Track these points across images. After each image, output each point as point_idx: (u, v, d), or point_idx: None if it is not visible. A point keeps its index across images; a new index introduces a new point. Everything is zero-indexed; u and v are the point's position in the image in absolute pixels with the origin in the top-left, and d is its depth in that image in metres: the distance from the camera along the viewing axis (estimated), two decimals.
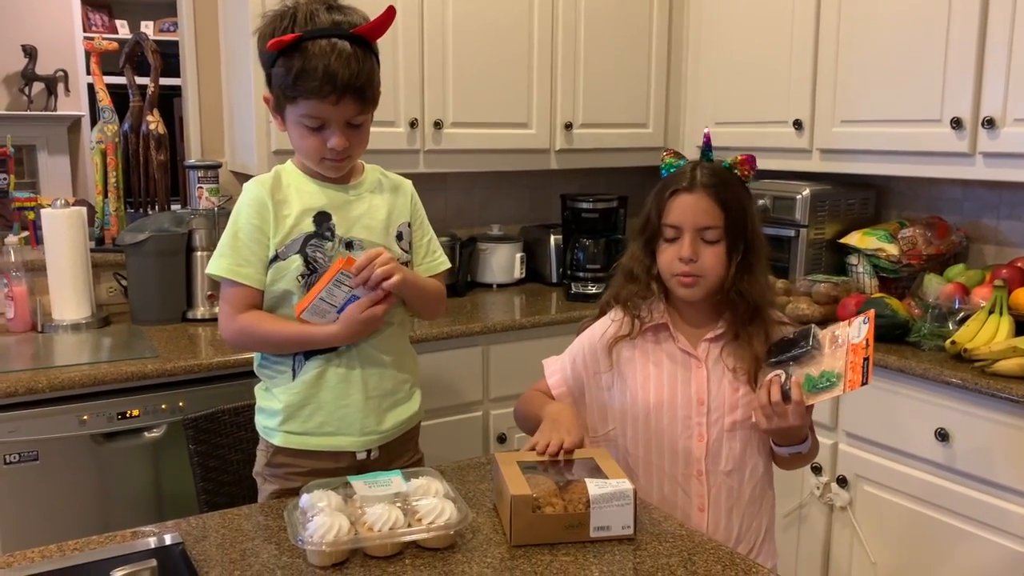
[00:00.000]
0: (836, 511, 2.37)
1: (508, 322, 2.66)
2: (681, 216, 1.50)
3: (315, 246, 1.54)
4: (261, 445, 1.65)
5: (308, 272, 1.54)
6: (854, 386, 1.40)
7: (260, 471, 1.64)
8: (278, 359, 1.59)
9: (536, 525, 1.29)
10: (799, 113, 2.74)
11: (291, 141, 1.57)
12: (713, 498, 1.54)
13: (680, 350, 1.56)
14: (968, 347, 2.13)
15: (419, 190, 1.74)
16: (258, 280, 1.55)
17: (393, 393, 1.64)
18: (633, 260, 1.60)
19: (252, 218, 1.53)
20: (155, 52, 2.80)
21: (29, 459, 2.01)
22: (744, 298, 1.51)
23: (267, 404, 1.62)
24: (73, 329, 2.46)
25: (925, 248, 2.59)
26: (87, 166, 5.80)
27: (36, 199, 2.82)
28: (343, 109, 1.48)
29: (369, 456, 1.61)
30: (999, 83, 2.22)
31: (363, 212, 1.60)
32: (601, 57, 3.04)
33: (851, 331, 1.44)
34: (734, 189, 1.53)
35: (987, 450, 2.03)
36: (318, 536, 1.20)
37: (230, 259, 1.54)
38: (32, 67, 5.64)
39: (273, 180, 1.57)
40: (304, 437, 1.58)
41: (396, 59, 2.67)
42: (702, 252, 1.50)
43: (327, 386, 1.57)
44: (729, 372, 1.54)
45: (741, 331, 1.53)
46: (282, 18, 1.48)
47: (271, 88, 1.53)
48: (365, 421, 1.59)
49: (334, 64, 1.44)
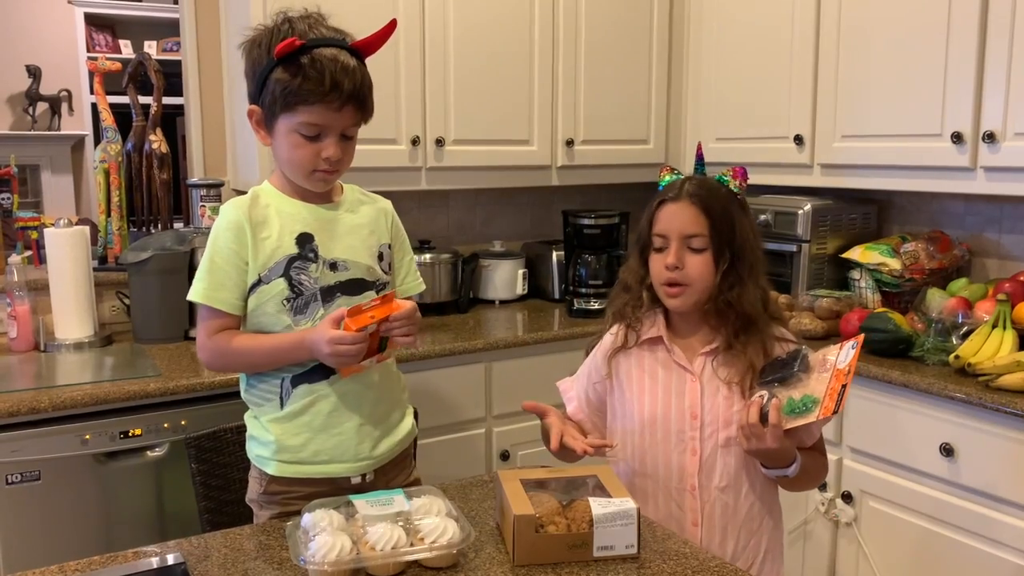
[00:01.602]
0: (841, 527, 2.36)
1: (511, 339, 2.66)
2: (667, 224, 1.52)
3: (299, 268, 1.52)
4: (254, 472, 1.62)
5: (293, 296, 1.52)
6: (827, 413, 1.38)
7: (256, 498, 1.62)
8: (264, 385, 1.56)
9: (539, 545, 1.29)
10: (800, 128, 2.75)
11: (279, 154, 1.54)
12: (707, 514, 1.53)
13: (675, 363, 1.56)
14: (972, 362, 2.12)
15: (421, 207, 1.75)
16: (233, 305, 1.52)
17: (386, 418, 1.62)
18: (628, 271, 1.61)
19: (230, 242, 1.51)
20: (158, 72, 2.82)
21: (31, 479, 2.00)
22: (733, 308, 1.51)
23: (258, 433, 1.59)
24: (75, 348, 2.46)
25: (927, 262, 2.58)
26: (90, 185, 5.83)
27: (39, 219, 2.84)
28: (343, 117, 1.49)
29: (364, 480, 1.59)
30: (999, 97, 2.22)
31: (345, 232, 1.58)
32: (602, 74, 3.05)
33: (840, 355, 1.43)
34: (721, 199, 1.53)
35: (992, 465, 2.02)
36: (320, 555, 1.19)
37: (206, 284, 1.51)
38: (36, 87, 5.68)
39: (251, 201, 1.54)
40: (299, 466, 1.56)
41: (398, 76, 2.68)
42: (688, 260, 1.51)
43: (319, 415, 1.55)
44: (724, 387, 1.53)
45: (733, 342, 1.52)
46: (279, 31, 1.47)
47: (261, 98, 1.50)
48: (359, 448, 1.57)
49: (339, 72, 1.45)
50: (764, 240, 2.80)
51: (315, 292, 1.53)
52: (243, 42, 1.54)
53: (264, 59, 1.48)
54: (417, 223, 3.19)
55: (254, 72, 1.51)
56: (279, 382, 1.55)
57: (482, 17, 2.82)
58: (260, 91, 1.50)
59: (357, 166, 2.58)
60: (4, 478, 1.97)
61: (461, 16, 2.78)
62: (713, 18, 3.04)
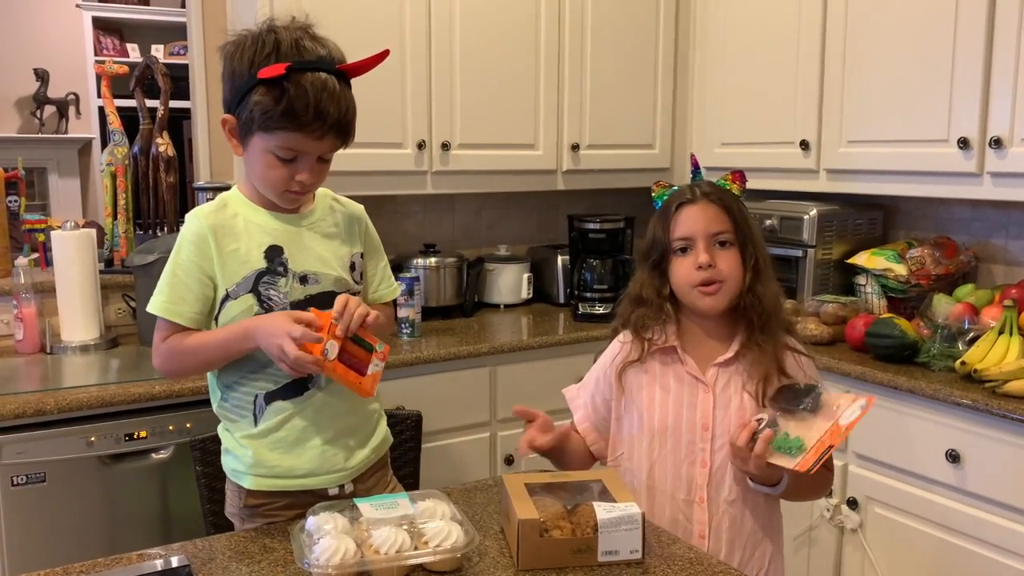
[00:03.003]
0: (847, 533, 2.35)
1: (516, 343, 2.66)
2: (692, 226, 1.50)
3: (268, 283, 1.48)
4: (231, 486, 1.60)
5: (263, 311, 1.48)
6: (802, 468, 1.36)
7: (236, 512, 1.59)
8: (237, 401, 1.54)
9: (543, 549, 1.28)
10: (806, 133, 2.75)
11: (251, 169, 1.49)
12: (715, 527, 1.52)
13: (688, 373, 1.55)
14: (978, 368, 2.12)
15: (427, 211, 1.74)
16: (192, 319, 1.48)
17: (359, 429, 1.60)
18: (642, 285, 1.58)
19: (192, 255, 1.47)
20: (165, 75, 2.83)
21: (36, 480, 2.01)
22: (761, 302, 1.51)
23: (232, 447, 1.56)
24: (81, 350, 2.47)
25: (934, 268, 2.58)
26: (97, 188, 5.85)
27: (46, 221, 2.85)
28: (323, 144, 1.44)
29: (343, 490, 1.57)
30: (1006, 103, 2.22)
31: (316, 243, 1.54)
32: (607, 79, 3.06)
33: (848, 411, 1.41)
34: (734, 198, 1.55)
35: (998, 471, 2.01)
36: (324, 559, 1.19)
37: (166, 296, 1.48)
38: (44, 90, 5.70)
39: (217, 211, 1.50)
40: (275, 480, 1.53)
41: (404, 81, 2.69)
42: (718, 257, 1.50)
43: (293, 431, 1.52)
44: (737, 398, 1.52)
45: (750, 343, 1.51)
46: (264, 43, 1.41)
47: (238, 111, 1.44)
48: (334, 460, 1.55)
49: (324, 100, 1.40)
50: (770, 245, 2.81)
51: (285, 307, 1.49)
52: (224, 44, 1.47)
53: (246, 73, 1.41)
54: (423, 227, 3.20)
55: (232, 82, 1.44)
56: (252, 399, 1.52)
57: (488, 22, 2.82)
58: (237, 104, 1.43)
59: (363, 169, 2.62)
60: (10, 480, 1.98)
61: (467, 21, 2.78)
62: (719, 23, 3.04)
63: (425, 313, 2.82)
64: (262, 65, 1.39)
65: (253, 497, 1.56)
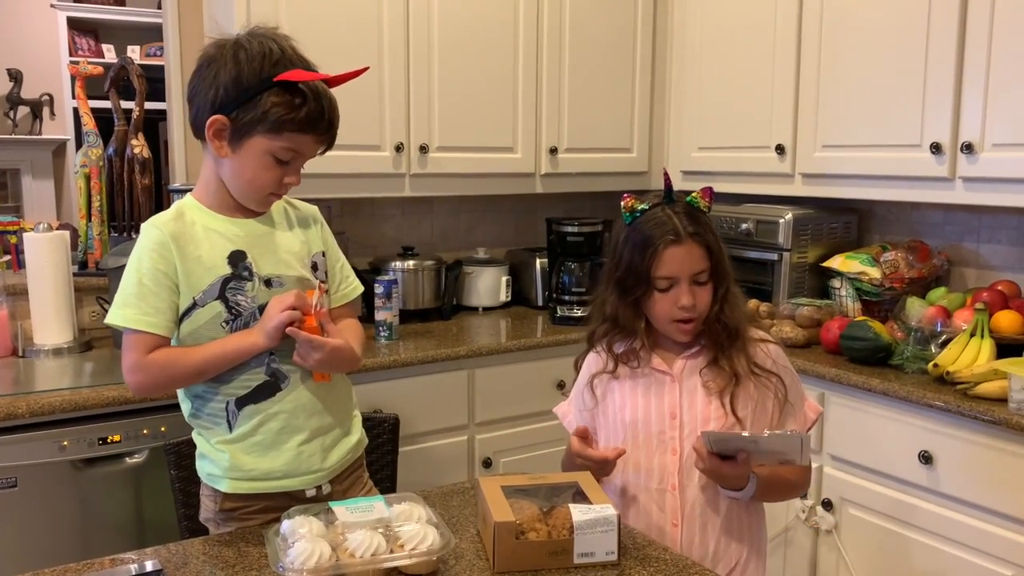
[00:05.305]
0: (822, 534, 2.37)
1: (494, 345, 2.66)
2: (677, 268, 1.53)
3: (235, 289, 1.49)
4: (206, 491, 1.59)
5: (231, 317, 1.48)
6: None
7: (212, 517, 1.58)
8: (209, 410, 1.53)
9: (519, 551, 1.29)
10: (781, 138, 2.77)
11: (238, 170, 1.48)
12: (687, 514, 1.55)
13: (654, 369, 1.59)
14: (950, 370, 2.14)
15: (405, 214, 1.74)
16: (169, 329, 1.47)
17: (333, 429, 1.60)
18: (614, 308, 1.60)
19: (156, 263, 1.46)
20: (140, 76, 2.81)
21: (8, 485, 1.98)
22: (725, 325, 1.56)
23: (208, 452, 1.56)
24: (55, 354, 2.44)
25: (907, 271, 2.61)
26: (71, 190, 5.78)
27: (19, 223, 2.82)
28: (318, 148, 1.52)
29: (320, 491, 1.57)
30: (977, 109, 2.25)
31: (278, 245, 1.55)
32: (586, 83, 3.07)
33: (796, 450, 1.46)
34: (710, 228, 1.57)
35: (970, 472, 2.04)
36: (299, 562, 1.19)
37: (136, 309, 1.45)
38: (17, 91, 5.63)
39: (175, 219, 1.50)
40: (252, 482, 1.53)
41: (382, 84, 2.68)
42: (696, 295, 1.54)
43: (269, 434, 1.52)
44: (703, 387, 1.56)
45: (720, 355, 1.56)
46: (270, 49, 1.43)
47: (237, 112, 1.43)
48: (310, 461, 1.55)
49: (333, 108, 1.49)
50: (745, 248, 2.83)
51: (253, 311, 1.49)
52: (222, 45, 1.46)
53: (256, 75, 1.42)
54: (400, 229, 3.19)
55: (238, 84, 1.43)
56: (224, 406, 1.52)
57: (466, 24, 2.82)
58: (238, 105, 1.43)
59: (341, 172, 2.62)
60: None
61: (446, 22, 2.78)
62: (696, 29, 3.06)
63: (403, 316, 2.81)
64: (277, 70, 1.43)
65: (230, 500, 1.55)
